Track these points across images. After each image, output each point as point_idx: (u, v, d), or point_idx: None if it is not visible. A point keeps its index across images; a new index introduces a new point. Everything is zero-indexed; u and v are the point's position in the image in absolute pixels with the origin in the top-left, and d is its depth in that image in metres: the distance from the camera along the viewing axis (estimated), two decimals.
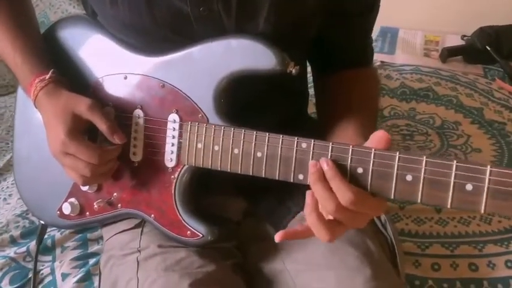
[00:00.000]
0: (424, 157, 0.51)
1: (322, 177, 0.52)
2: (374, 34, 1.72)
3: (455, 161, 0.50)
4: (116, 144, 0.65)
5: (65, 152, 0.63)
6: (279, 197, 0.72)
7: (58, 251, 0.88)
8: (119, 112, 0.69)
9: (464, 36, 1.63)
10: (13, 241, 0.91)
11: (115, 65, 0.69)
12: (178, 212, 0.67)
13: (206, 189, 0.70)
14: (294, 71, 0.60)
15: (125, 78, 0.69)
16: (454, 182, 0.50)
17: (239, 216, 0.75)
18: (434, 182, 0.50)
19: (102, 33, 0.71)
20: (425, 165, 0.51)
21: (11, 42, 0.68)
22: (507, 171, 0.47)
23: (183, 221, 0.67)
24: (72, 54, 0.73)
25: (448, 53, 1.55)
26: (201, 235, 0.66)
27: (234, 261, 0.71)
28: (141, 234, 0.71)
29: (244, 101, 0.65)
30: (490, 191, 0.48)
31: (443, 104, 1.31)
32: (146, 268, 0.67)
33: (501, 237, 0.90)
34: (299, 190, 0.71)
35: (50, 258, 0.87)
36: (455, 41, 1.63)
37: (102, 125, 0.64)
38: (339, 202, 0.51)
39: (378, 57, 1.56)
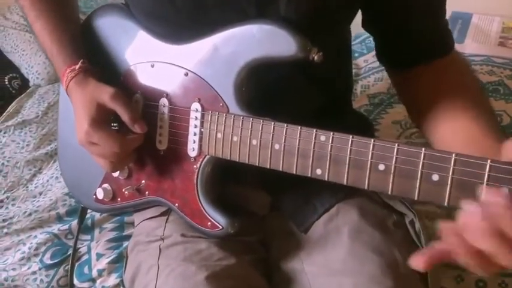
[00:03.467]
0: (453, 155, 0.45)
1: None
2: None
3: (489, 160, 0.44)
4: (137, 133, 0.65)
5: (89, 141, 0.65)
6: (305, 194, 0.69)
7: (96, 231, 0.92)
8: (147, 100, 0.70)
9: None
10: (59, 218, 0.97)
11: (143, 54, 0.70)
12: (200, 202, 0.66)
13: (231, 180, 0.69)
14: (316, 57, 0.56)
15: (152, 66, 0.69)
16: (488, 185, 0.44)
17: (264, 211, 0.73)
18: (464, 183, 0.45)
19: (133, 22, 0.71)
20: (454, 164, 0.45)
21: (49, 33, 0.71)
22: None
23: (204, 212, 0.66)
24: (106, 43, 0.74)
25: None
26: (221, 227, 0.64)
27: (256, 256, 0.69)
28: (166, 222, 0.72)
29: (270, 91, 0.62)
30: None
31: None
32: (167, 256, 0.67)
33: None
34: (327, 188, 0.67)
35: (88, 237, 0.91)
36: None
37: (123, 114, 0.64)
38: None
39: None
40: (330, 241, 0.64)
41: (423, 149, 0.47)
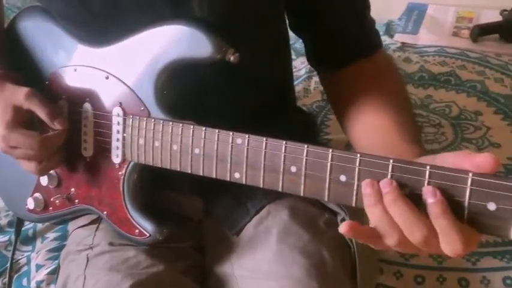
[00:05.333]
0: (358, 155, 0.45)
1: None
2: (399, 13, 1.61)
3: (391, 160, 0.43)
4: (57, 129, 0.63)
5: (9, 146, 0.62)
6: (237, 196, 0.67)
7: (38, 241, 0.89)
8: (71, 106, 0.67)
9: (504, 10, 1.44)
10: (0, 229, 0.93)
11: (67, 58, 0.67)
12: (127, 209, 0.64)
13: (162, 186, 0.67)
14: (232, 58, 0.55)
15: (75, 70, 0.66)
16: None
17: (199, 216, 0.71)
18: None
19: (56, 25, 0.68)
20: (359, 165, 0.45)
21: None
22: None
23: (131, 219, 0.64)
24: (31, 47, 0.71)
25: (480, 31, 1.38)
26: (149, 234, 0.63)
27: (189, 263, 0.67)
28: (95, 231, 0.70)
29: (195, 93, 0.60)
30: None
31: (465, 91, 1.17)
32: (94, 266, 0.65)
33: (501, 249, 0.78)
34: (259, 189, 0.66)
35: (29, 248, 0.88)
36: (492, 16, 1.45)
37: (41, 112, 0.62)
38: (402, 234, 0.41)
39: (399, 38, 1.43)
40: (259, 243, 0.63)
41: (330, 150, 0.46)
